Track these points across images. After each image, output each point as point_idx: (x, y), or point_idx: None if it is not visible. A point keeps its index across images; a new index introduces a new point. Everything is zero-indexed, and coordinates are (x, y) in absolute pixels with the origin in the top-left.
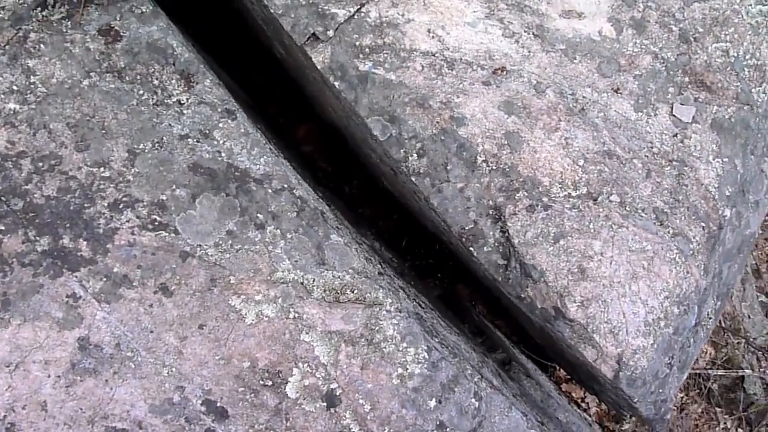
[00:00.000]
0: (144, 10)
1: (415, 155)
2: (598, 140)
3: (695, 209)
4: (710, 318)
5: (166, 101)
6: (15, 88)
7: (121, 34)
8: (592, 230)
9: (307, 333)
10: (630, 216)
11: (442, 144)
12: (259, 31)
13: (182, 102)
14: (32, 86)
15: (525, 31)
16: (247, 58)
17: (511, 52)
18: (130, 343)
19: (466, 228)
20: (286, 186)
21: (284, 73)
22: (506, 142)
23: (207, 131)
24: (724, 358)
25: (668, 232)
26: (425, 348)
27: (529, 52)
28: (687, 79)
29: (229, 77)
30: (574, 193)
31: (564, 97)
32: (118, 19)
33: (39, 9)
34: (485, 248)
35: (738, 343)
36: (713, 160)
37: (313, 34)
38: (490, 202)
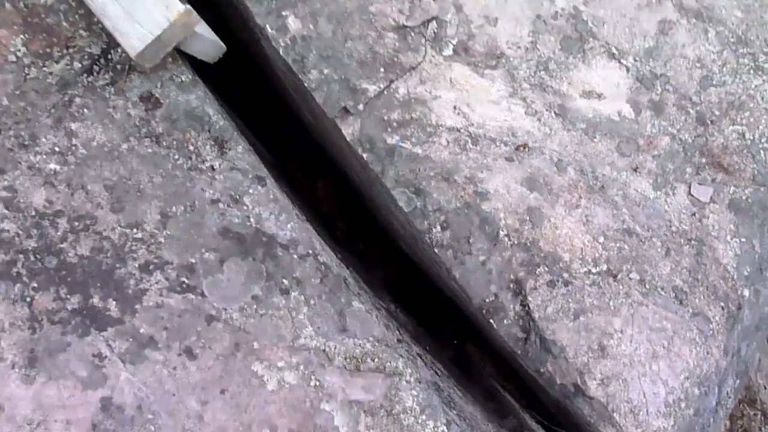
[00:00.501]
0: (184, 79)
1: (439, 227)
2: (617, 218)
3: (714, 289)
4: (730, 397)
5: (199, 166)
6: (57, 149)
7: (161, 101)
8: (612, 307)
9: (327, 402)
10: (650, 294)
11: (466, 217)
12: (288, 98)
13: (215, 167)
14: (73, 148)
15: (547, 110)
16: (268, 112)
17: (533, 130)
18: (152, 406)
19: (487, 300)
20: (311, 252)
21: (303, 129)
22: (528, 218)
23: (237, 197)
24: (740, 431)
25: (688, 311)
26: (444, 421)
27: (551, 130)
28: (704, 160)
29: (247, 128)
30: (594, 270)
31: (584, 174)
32: (159, 86)
33: (85, 75)
34: (505, 321)
35: (754, 414)
36: (731, 239)
37: (344, 107)
38: (512, 276)
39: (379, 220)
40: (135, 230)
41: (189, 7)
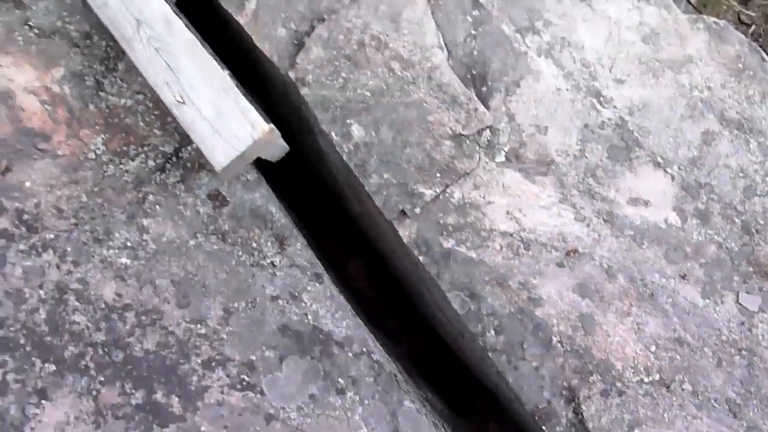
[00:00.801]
0: (249, 178)
1: (493, 332)
2: (668, 327)
3: (767, 402)
4: None
5: (261, 263)
6: (129, 244)
7: (228, 199)
8: (666, 420)
9: None
10: (703, 406)
11: (520, 323)
12: (338, 189)
13: (275, 264)
14: (144, 243)
15: (595, 216)
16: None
17: (582, 236)
18: None
19: (540, 407)
20: (365, 350)
21: (343, 211)
22: (580, 325)
23: (296, 293)
24: None
25: (743, 425)
26: None
27: (600, 236)
28: (751, 269)
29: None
30: (646, 379)
31: (634, 282)
32: (226, 185)
33: (158, 173)
34: (558, 428)
35: None
36: None
37: (402, 210)
38: (565, 383)
39: (421, 310)
40: (199, 326)
41: (272, 125)
